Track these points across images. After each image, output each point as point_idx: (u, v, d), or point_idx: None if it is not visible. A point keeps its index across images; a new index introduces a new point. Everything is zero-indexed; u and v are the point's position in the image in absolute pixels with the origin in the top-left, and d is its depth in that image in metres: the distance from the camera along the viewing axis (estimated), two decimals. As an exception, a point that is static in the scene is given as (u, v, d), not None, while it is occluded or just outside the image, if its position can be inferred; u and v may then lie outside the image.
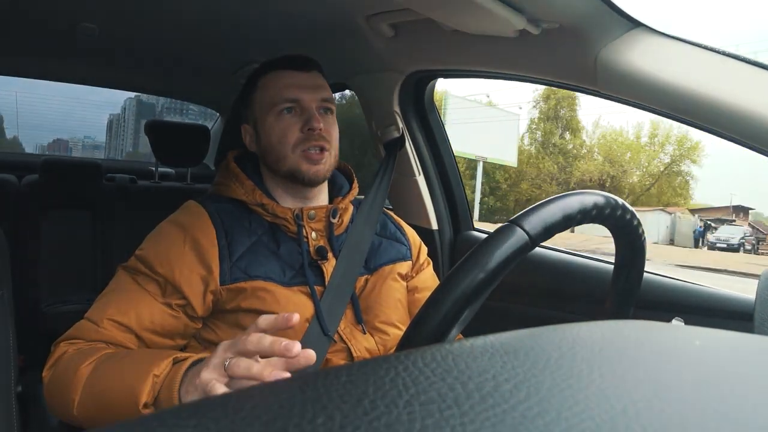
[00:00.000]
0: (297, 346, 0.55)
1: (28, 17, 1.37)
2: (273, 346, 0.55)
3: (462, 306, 0.49)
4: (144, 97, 5.48)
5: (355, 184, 1.01)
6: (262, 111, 0.92)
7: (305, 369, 0.58)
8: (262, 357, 0.58)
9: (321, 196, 0.96)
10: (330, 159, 0.91)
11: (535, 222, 0.52)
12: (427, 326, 0.50)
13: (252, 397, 0.22)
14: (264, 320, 0.59)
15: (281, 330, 0.59)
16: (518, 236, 0.51)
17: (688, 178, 22.79)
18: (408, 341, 0.51)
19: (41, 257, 1.67)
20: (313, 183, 0.91)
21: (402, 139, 1.41)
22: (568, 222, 0.54)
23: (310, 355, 0.57)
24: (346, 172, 1.03)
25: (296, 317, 0.58)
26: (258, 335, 0.57)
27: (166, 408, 0.60)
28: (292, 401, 0.21)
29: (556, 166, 23.32)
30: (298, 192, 0.93)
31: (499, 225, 0.54)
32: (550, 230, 0.53)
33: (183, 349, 0.87)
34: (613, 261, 0.69)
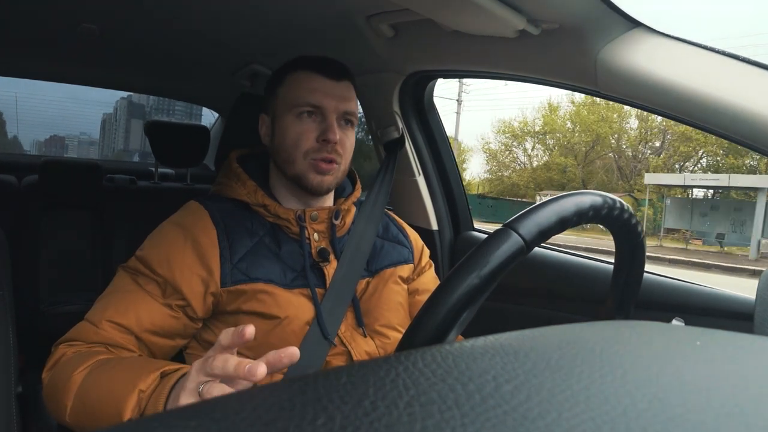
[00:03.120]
0: (261, 368, 0.53)
1: (28, 18, 1.37)
2: (237, 371, 0.54)
3: (457, 314, 0.49)
4: (134, 98, 5.49)
5: (358, 186, 1.00)
6: (282, 107, 0.90)
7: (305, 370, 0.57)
8: (229, 381, 0.57)
9: (324, 199, 0.95)
10: (338, 172, 0.90)
11: (530, 226, 0.52)
12: (423, 334, 0.49)
13: (253, 398, 0.22)
14: (225, 337, 0.58)
15: (246, 341, 0.56)
16: (513, 241, 0.51)
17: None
18: (404, 348, 0.51)
19: (41, 258, 1.67)
20: (317, 192, 0.89)
21: (402, 139, 1.41)
22: (564, 224, 0.54)
23: (293, 352, 0.56)
24: (349, 174, 1.02)
25: (251, 329, 0.56)
26: (223, 358, 0.56)
27: (167, 409, 0.60)
28: (293, 402, 0.21)
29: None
30: (302, 195, 0.92)
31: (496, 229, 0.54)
32: (545, 234, 0.53)
33: (183, 349, 0.87)
34: (612, 261, 0.69)
